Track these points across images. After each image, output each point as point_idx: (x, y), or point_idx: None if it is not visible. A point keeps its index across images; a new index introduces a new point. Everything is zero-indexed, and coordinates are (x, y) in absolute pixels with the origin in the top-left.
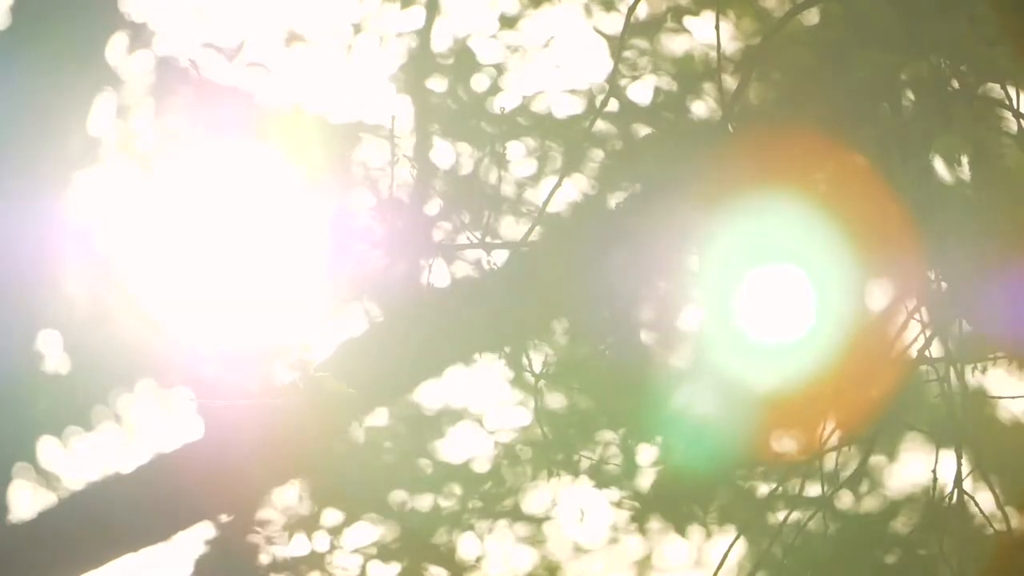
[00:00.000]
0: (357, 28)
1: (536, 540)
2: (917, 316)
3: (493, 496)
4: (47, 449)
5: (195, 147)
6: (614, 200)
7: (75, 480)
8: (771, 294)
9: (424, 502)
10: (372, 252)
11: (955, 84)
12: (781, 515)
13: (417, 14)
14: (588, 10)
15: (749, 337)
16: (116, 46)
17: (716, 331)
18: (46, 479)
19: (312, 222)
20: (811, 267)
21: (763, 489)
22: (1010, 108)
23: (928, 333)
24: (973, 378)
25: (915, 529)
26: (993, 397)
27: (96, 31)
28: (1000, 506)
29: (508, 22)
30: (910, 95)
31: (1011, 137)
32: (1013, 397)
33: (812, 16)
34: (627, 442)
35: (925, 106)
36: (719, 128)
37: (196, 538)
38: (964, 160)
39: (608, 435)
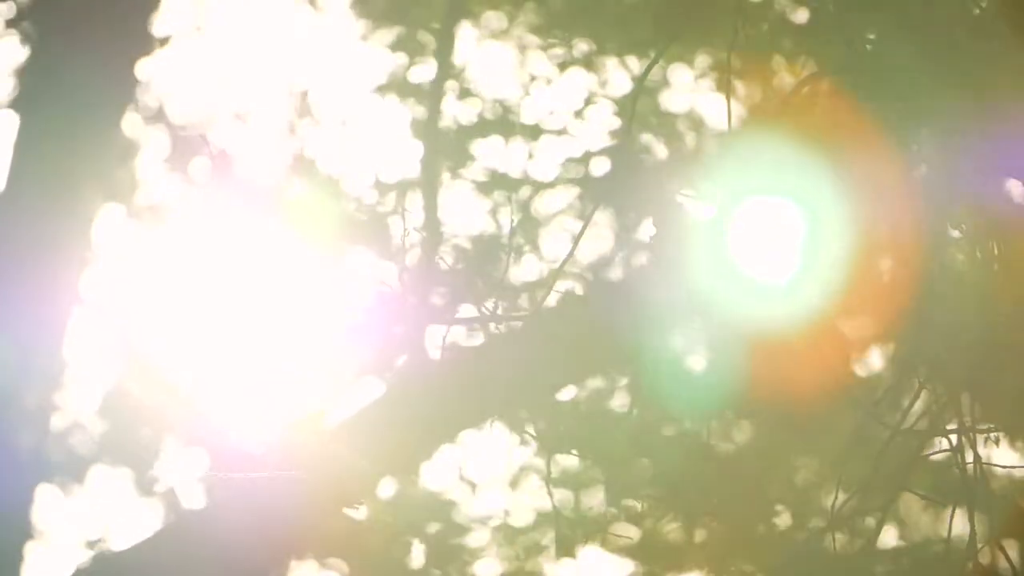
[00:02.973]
0: (367, 93)
1: None
2: (929, 387)
3: (507, 567)
4: (57, 518)
5: (209, 215)
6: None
7: (83, 551)
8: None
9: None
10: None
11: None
12: None
13: (429, 79)
14: (600, 72)
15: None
16: (133, 117)
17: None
18: (57, 549)
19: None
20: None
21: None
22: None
23: (940, 403)
24: (986, 448)
25: None
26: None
27: (112, 101)
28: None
29: (522, 83)
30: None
31: None
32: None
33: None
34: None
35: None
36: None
37: None
38: None
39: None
